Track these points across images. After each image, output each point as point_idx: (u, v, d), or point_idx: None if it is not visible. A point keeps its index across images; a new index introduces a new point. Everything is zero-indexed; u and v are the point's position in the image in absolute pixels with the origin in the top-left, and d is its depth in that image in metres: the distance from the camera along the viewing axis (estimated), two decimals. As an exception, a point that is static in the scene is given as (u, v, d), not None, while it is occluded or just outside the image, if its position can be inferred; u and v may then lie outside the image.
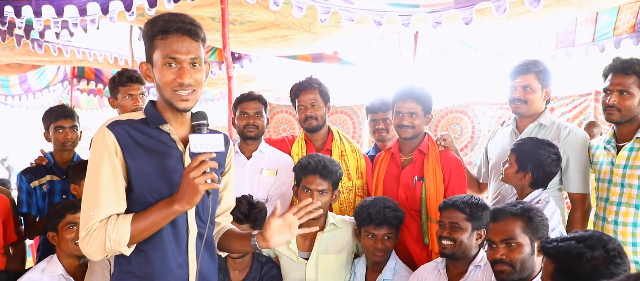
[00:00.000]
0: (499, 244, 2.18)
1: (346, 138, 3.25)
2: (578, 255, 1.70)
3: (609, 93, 2.70)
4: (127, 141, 1.74)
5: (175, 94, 1.73)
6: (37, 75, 7.69)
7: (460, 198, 2.59)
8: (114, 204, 1.73)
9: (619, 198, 2.71)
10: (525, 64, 2.96)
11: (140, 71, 1.84)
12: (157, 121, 1.80)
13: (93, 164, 1.74)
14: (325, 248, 2.78)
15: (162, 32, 1.71)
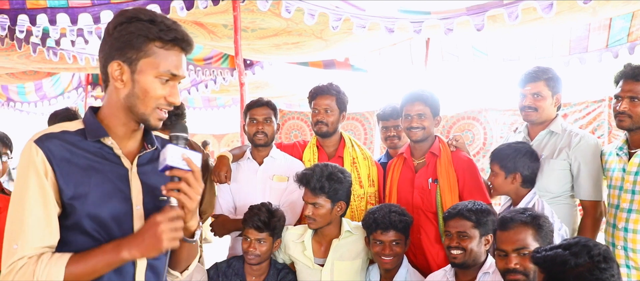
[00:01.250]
0: (511, 253, 2.17)
1: (358, 145, 3.26)
2: (563, 263, 1.71)
3: (620, 100, 2.69)
4: (59, 159, 1.43)
5: (156, 111, 1.51)
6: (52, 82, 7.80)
7: (465, 206, 2.59)
8: (43, 235, 1.41)
9: (630, 205, 2.70)
10: (535, 71, 2.96)
11: (109, 72, 1.48)
12: (96, 133, 1.50)
13: (18, 188, 1.43)
14: (341, 254, 2.79)
15: (168, 40, 1.47)
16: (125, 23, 1.45)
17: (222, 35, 4.48)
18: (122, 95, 1.48)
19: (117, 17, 1.47)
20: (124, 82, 1.47)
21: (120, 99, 1.49)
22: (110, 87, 1.50)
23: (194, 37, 4.71)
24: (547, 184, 2.89)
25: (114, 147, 1.51)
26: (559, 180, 2.90)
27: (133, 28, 1.44)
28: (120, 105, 1.50)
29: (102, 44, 1.50)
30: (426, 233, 2.97)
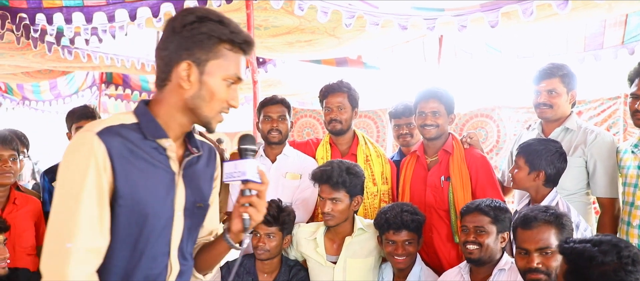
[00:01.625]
0: (533, 253, 2.14)
1: (371, 143, 3.26)
2: (590, 258, 1.69)
3: (636, 98, 2.68)
4: (119, 155, 1.37)
5: (218, 115, 1.48)
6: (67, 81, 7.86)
7: (483, 202, 2.58)
8: (96, 236, 1.35)
9: None
10: (549, 68, 2.95)
11: (174, 71, 1.43)
12: (155, 134, 1.45)
13: (71, 181, 1.34)
14: (353, 252, 2.79)
15: (239, 44, 1.44)
16: (196, 22, 1.39)
17: (235, 33, 4.48)
18: (186, 96, 1.44)
19: (184, 16, 1.41)
20: (191, 83, 1.43)
21: (182, 100, 1.45)
22: (171, 86, 1.45)
23: (207, 35, 4.78)
24: (562, 181, 2.86)
25: (170, 150, 1.47)
26: (575, 177, 2.89)
27: (205, 28, 1.39)
28: (181, 105, 1.46)
29: (165, 42, 1.43)
30: (438, 232, 2.97)
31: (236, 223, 1.51)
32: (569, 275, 1.75)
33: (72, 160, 1.36)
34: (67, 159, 1.38)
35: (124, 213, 1.39)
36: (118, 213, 1.39)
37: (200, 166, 1.58)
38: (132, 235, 1.41)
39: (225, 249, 1.62)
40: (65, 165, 1.37)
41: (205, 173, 1.61)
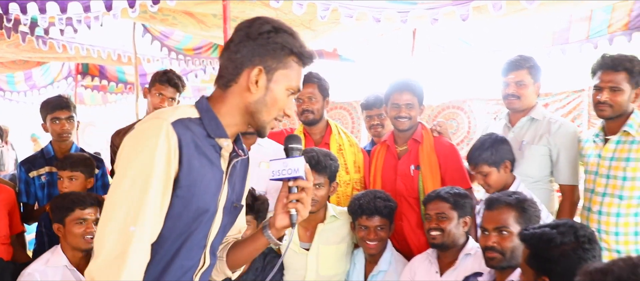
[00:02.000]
0: (491, 231, 2.21)
1: (344, 132, 3.28)
2: (549, 240, 1.76)
3: (600, 90, 2.73)
4: (187, 148, 1.37)
5: (273, 121, 1.51)
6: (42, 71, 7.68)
7: (443, 189, 2.65)
8: (156, 227, 1.36)
9: (604, 189, 2.76)
10: (518, 60, 3.00)
11: (244, 74, 1.44)
12: (217, 132, 1.45)
13: (141, 164, 1.32)
14: (326, 238, 2.81)
15: (304, 58, 1.48)
16: (271, 32, 1.42)
17: (211, 25, 4.45)
18: (250, 99, 1.46)
19: (260, 24, 1.44)
20: (258, 88, 1.44)
21: (245, 102, 1.46)
22: (236, 88, 1.46)
23: (184, 26, 4.74)
24: (527, 169, 2.94)
25: (226, 149, 1.48)
26: (539, 165, 2.96)
27: (280, 39, 1.42)
28: (242, 108, 1.47)
29: (237, 45, 1.44)
30: (408, 220, 3.01)
31: (282, 218, 1.53)
32: (531, 260, 1.80)
33: (146, 145, 1.34)
34: (139, 143, 1.36)
35: (178, 204, 1.39)
36: (174, 202, 1.38)
37: (239, 168, 1.59)
38: (180, 226, 1.41)
39: (264, 245, 1.63)
40: (137, 148, 1.35)
41: (242, 175, 1.63)
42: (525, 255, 1.85)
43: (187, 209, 1.40)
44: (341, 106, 5.82)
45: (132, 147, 1.36)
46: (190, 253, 1.46)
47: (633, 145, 2.68)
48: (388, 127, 3.36)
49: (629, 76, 2.67)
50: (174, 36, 5.79)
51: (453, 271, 2.57)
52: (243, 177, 1.64)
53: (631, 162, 2.67)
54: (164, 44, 5.87)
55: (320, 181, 2.72)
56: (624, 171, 2.69)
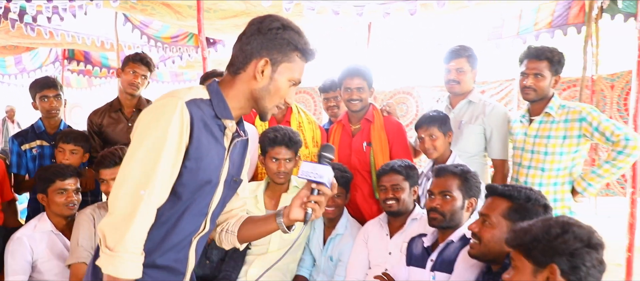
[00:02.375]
0: (436, 195, 2.23)
1: (303, 111, 3.24)
2: (527, 196, 1.82)
3: (526, 76, 2.77)
4: (197, 126, 1.38)
5: (275, 108, 1.52)
6: (31, 56, 7.47)
7: (396, 163, 2.63)
8: (163, 193, 1.38)
9: (529, 162, 2.81)
10: (458, 49, 3.01)
11: (252, 64, 1.44)
12: (224, 114, 1.46)
13: (156, 137, 1.33)
14: (290, 206, 2.79)
15: (308, 55, 1.48)
16: (280, 29, 1.42)
17: (187, 15, 4.34)
18: (256, 86, 1.46)
19: (271, 21, 1.44)
20: (263, 77, 1.45)
21: (251, 89, 1.47)
22: (244, 75, 1.46)
23: (161, 16, 4.60)
24: (465, 145, 2.97)
25: (229, 129, 1.48)
26: (475, 142, 2.98)
27: (287, 36, 1.43)
28: (247, 93, 1.48)
29: (248, 37, 1.44)
30: (361, 190, 3.01)
31: (298, 212, 1.53)
32: (512, 212, 1.82)
33: (161, 119, 1.34)
34: (154, 117, 1.36)
35: (186, 174, 1.39)
36: (182, 172, 1.39)
37: (239, 147, 1.58)
38: (186, 194, 1.42)
39: (274, 229, 1.62)
40: (153, 122, 1.35)
41: (240, 153, 1.61)
42: (504, 208, 1.85)
43: (194, 180, 1.41)
44: (305, 91, 5.79)
45: (149, 120, 1.36)
46: (193, 219, 1.47)
47: (553, 124, 2.74)
48: (343, 108, 3.33)
49: (550, 64, 2.72)
50: (152, 25, 5.64)
51: (401, 234, 2.58)
52: (242, 155, 1.63)
53: (551, 139, 2.73)
54: (143, 32, 5.71)
55: (291, 156, 2.69)
56: (545, 146, 2.74)
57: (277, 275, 2.72)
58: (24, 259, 2.49)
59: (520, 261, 1.48)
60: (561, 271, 1.39)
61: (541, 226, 1.46)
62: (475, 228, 1.89)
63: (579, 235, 1.40)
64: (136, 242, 1.33)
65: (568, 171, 2.75)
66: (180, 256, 1.48)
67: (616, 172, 2.63)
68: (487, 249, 1.85)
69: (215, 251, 2.75)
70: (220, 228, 1.70)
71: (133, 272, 1.34)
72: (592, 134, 2.63)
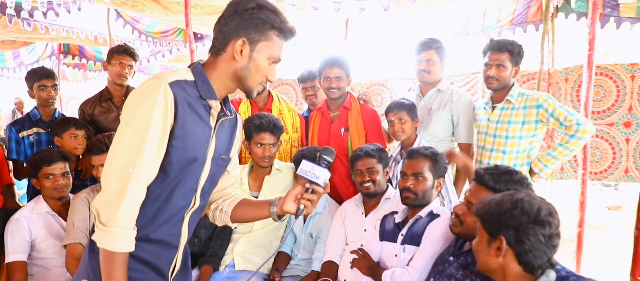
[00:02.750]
0: (409, 176, 2.23)
1: (283, 100, 3.21)
2: (506, 170, 1.85)
3: (489, 67, 2.78)
4: (181, 105, 1.34)
5: (258, 85, 1.47)
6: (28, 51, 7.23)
7: (368, 147, 2.62)
8: (152, 171, 1.33)
9: (492, 145, 2.83)
10: (428, 41, 3.00)
11: (230, 44, 1.39)
12: (208, 94, 1.42)
13: (142, 117, 1.29)
14: (272, 188, 2.76)
15: (285, 33, 1.42)
16: (255, 9, 1.37)
17: (175, 11, 4.25)
18: (237, 66, 1.41)
19: (246, 2, 1.38)
20: (242, 57, 1.40)
21: (232, 69, 1.42)
22: (225, 56, 1.41)
23: (151, 12, 4.48)
24: (434, 130, 2.97)
25: (214, 109, 1.44)
26: (444, 127, 2.99)
27: (262, 15, 1.37)
28: (230, 73, 1.43)
29: (226, 19, 1.39)
30: (339, 173, 3.00)
31: (291, 206, 1.51)
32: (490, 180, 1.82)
33: (146, 101, 1.30)
34: (139, 98, 1.32)
35: (174, 152, 1.35)
36: (170, 151, 1.35)
37: (227, 126, 1.54)
38: (175, 171, 1.38)
39: (266, 216, 1.60)
40: (138, 103, 1.31)
41: (228, 133, 1.56)
42: (478, 194, 1.85)
43: (181, 158, 1.37)
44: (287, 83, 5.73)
45: (135, 102, 1.32)
46: (183, 195, 1.43)
47: (513, 111, 2.75)
48: (321, 97, 3.30)
49: (511, 56, 2.73)
50: (143, 21, 5.51)
51: (375, 212, 2.58)
52: (231, 134, 1.58)
53: (511, 124, 2.75)
54: (134, 27, 5.58)
55: (274, 141, 2.67)
56: (506, 131, 2.76)
57: (261, 251, 2.70)
58: (23, 239, 2.45)
59: (480, 230, 1.52)
60: (508, 242, 1.43)
61: (497, 200, 1.48)
62: (460, 211, 1.90)
63: (526, 210, 1.41)
64: (127, 217, 1.31)
65: (526, 154, 2.77)
66: (173, 230, 1.45)
67: (569, 154, 2.66)
68: (468, 230, 1.86)
69: (203, 230, 2.72)
70: (214, 205, 1.67)
71: (125, 246, 1.32)
72: (547, 120, 2.66)
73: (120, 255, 1.31)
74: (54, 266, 2.50)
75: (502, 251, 1.44)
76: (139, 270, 1.39)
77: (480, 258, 1.53)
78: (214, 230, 2.72)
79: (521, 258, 1.42)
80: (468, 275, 1.82)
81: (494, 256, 1.46)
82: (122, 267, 1.32)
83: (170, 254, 1.48)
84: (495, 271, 1.49)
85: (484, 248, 1.50)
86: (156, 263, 1.43)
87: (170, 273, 1.49)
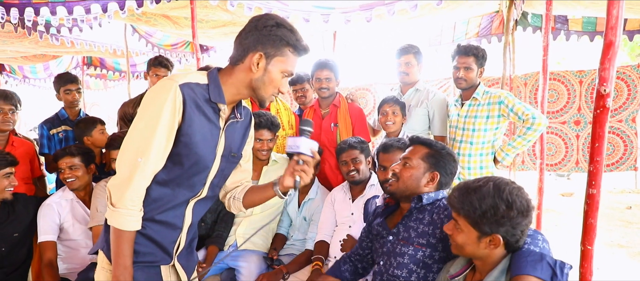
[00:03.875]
0: (389, 168, 2.14)
1: (280, 100, 3.17)
2: (443, 146, 1.78)
3: (457, 69, 2.77)
4: (189, 104, 1.31)
5: (271, 96, 1.41)
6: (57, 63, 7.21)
7: (351, 140, 2.58)
8: (159, 161, 1.31)
9: (461, 137, 2.82)
10: (406, 47, 3.00)
11: (248, 57, 1.35)
12: (217, 98, 1.37)
13: (152, 113, 1.27)
14: (269, 177, 2.71)
15: (299, 50, 1.37)
16: (274, 26, 1.32)
17: (183, 25, 4.22)
18: (252, 77, 1.36)
19: (266, 19, 1.34)
20: (258, 69, 1.35)
21: (248, 79, 1.37)
22: (242, 66, 1.36)
23: (163, 26, 4.44)
24: (413, 124, 2.96)
25: (223, 112, 1.40)
26: (421, 122, 2.98)
27: (280, 33, 1.33)
28: (246, 83, 1.38)
29: (246, 33, 1.35)
30: (329, 163, 2.97)
31: (289, 180, 1.47)
32: (429, 157, 1.74)
33: (157, 99, 1.28)
34: (152, 97, 1.30)
35: (182, 147, 1.33)
36: (178, 145, 1.33)
37: (238, 127, 1.50)
38: (184, 163, 1.36)
39: (272, 196, 1.55)
40: (150, 101, 1.29)
41: (240, 133, 1.52)
42: (423, 152, 1.76)
43: (190, 153, 1.35)
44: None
45: (149, 99, 1.30)
46: (192, 186, 1.42)
47: (479, 107, 2.75)
48: (309, 98, 3.23)
49: (476, 59, 2.73)
50: (155, 35, 5.48)
51: (361, 198, 2.56)
52: (244, 134, 1.54)
53: (477, 118, 2.74)
54: (148, 41, 5.54)
55: (271, 136, 2.64)
56: (473, 124, 2.75)
57: (261, 233, 2.67)
58: (53, 221, 2.43)
59: (467, 228, 1.39)
60: (502, 237, 1.35)
61: (490, 203, 1.34)
62: (397, 168, 1.78)
63: (520, 208, 1.33)
64: (133, 200, 1.29)
65: (491, 144, 2.76)
66: (177, 213, 1.43)
67: (526, 144, 2.65)
68: (405, 186, 1.74)
69: (209, 215, 2.68)
70: (229, 195, 1.63)
71: (132, 225, 1.31)
72: (508, 114, 2.65)
73: (127, 232, 1.31)
74: (80, 247, 2.49)
75: (497, 245, 1.35)
76: (146, 245, 1.40)
77: (466, 250, 1.41)
78: (218, 214, 2.68)
79: (510, 245, 1.37)
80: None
81: (484, 249, 1.38)
82: (128, 243, 1.32)
83: (174, 234, 1.45)
84: (481, 258, 1.41)
85: (472, 243, 1.38)
86: (161, 241, 1.42)
87: (174, 250, 1.47)
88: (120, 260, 1.31)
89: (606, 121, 1.45)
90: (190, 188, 1.41)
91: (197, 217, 1.51)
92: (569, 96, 5.33)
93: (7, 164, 2.31)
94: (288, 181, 1.48)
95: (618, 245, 4.66)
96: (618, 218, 5.75)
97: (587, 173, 1.55)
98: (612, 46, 1.41)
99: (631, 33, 4.47)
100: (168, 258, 1.45)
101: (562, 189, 7.89)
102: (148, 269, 1.41)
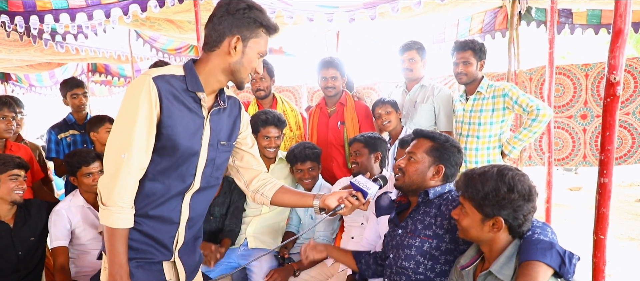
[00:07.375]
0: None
1: (286, 102, 3.20)
2: (446, 138, 1.81)
3: (457, 65, 2.79)
4: (166, 96, 1.31)
5: (248, 77, 1.43)
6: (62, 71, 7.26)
7: (360, 134, 2.60)
8: (143, 155, 1.31)
9: (467, 131, 2.82)
10: (409, 43, 3.02)
11: (226, 41, 1.35)
12: (195, 87, 1.37)
13: (129, 109, 1.28)
14: (276, 175, 2.73)
15: (270, 29, 1.39)
16: (246, 9, 1.34)
17: (187, 30, 4.24)
18: (230, 61, 1.38)
19: (236, 3, 1.35)
20: (236, 52, 1.37)
21: (226, 64, 1.38)
22: (219, 52, 1.37)
23: (166, 31, 4.46)
24: (419, 121, 2.97)
25: (204, 100, 1.40)
26: (427, 118, 2.99)
27: (253, 15, 1.35)
28: (224, 67, 1.39)
29: (219, 18, 1.35)
30: (336, 161, 2.99)
31: (333, 202, 1.54)
32: (434, 151, 1.76)
33: (133, 95, 1.29)
34: (129, 94, 1.31)
35: (165, 139, 1.34)
36: (162, 138, 1.34)
37: (224, 115, 1.49)
38: (169, 155, 1.36)
39: (308, 205, 1.60)
40: (127, 98, 1.30)
41: (228, 122, 1.51)
42: (427, 146, 1.77)
43: (174, 144, 1.35)
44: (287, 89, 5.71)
45: (125, 97, 1.32)
46: (181, 178, 1.40)
47: (484, 100, 2.75)
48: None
49: (474, 52, 2.75)
50: (159, 40, 5.51)
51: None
52: (233, 122, 1.54)
53: (483, 112, 2.75)
54: (152, 46, 5.57)
55: (278, 134, 2.64)
56: (478, 118, 2.76)
57: (270, 231, 2.68)
58: (64, 227, 2.45)
59: (471, 210, 1.45)
60: (505, 220, 1.39)
61: (492, 186, 1.39)
62: (402, 163, 1.79)
63: (522, 192, 1.37)
64: (121, 197, 1.29)
65: (497, 138, 2.76)
66: (172, 207, 1.42)
67: (532, 135, 2.65)
68: (411, 180, 1.75)
69: (217, 208, 2.69)
70: (254, 189, 1.63)
71: (123, 222, 1.31)
72: (513, 106, 2.66)
73: (119, 230, 1.31)
74: (92, 250, 2.52)
75: (499, 228, 1.39)
76: (143, 242, 1.39)
77: (471, 233, 1.46)
78: (227, 208, 2.69)
79: (513, 229, 1.40)
80: None
81: (488, 232, 1.42)
82: (121, 241, 1.32)
83: (172, 229, 1.44)
84: (485, 242, 1.45)
85: (476, 226, 1.43)
86: (158, 236, 1.41)
87: (174, 246, 1.46)
88: (115, 259, 1.31)
89: (616, 109, 1.45)
90: (180, 179, 1.40)
91: (196, 211, 1.49)
92: (575, 90, 5.30)
93: (15, 167, 2.32)
94: (332, 201, 1.53)
95: (628, 238, 4.63)
96: (627, 211, 5.71)
97: (594, 166, 1.55)
98: (622, 34, 1.40)
99: (637, 25, 4.45)
100: (168, 254, 1.45)
101: (570, 183, 7.85)
102: (149, 266, 1.41)
